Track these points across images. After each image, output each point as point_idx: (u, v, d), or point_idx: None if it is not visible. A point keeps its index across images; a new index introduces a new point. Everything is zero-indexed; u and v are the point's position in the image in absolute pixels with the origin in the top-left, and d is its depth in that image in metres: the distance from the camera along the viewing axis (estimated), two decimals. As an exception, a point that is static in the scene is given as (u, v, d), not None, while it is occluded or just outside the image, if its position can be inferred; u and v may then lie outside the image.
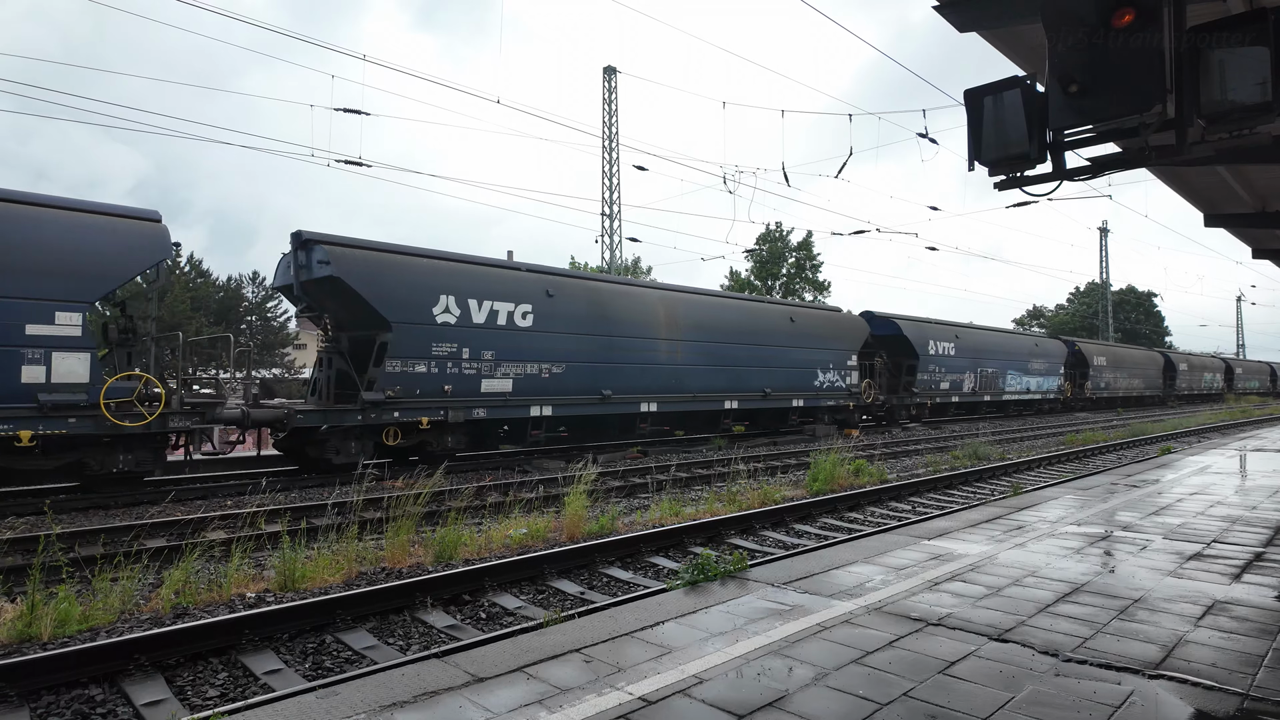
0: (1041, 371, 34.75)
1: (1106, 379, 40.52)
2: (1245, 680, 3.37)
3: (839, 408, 23.39)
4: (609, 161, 30.16)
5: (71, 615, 5.15)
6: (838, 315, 25.15)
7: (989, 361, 30.47)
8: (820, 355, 22.31)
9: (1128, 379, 43.10)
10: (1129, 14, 3.41)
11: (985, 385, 30.08)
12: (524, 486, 11.42)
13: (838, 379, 22.88)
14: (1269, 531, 6.80)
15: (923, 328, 27.55)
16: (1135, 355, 46.50)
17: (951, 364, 28.24)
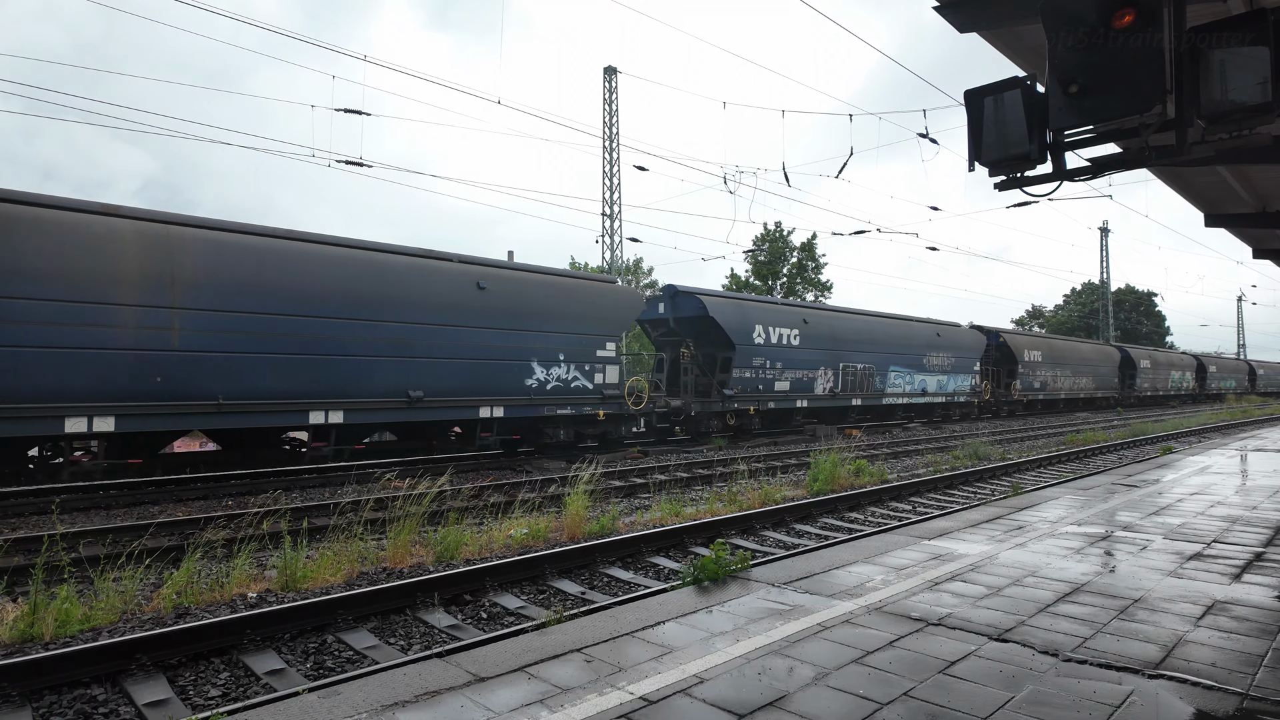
0: (946, 368, 27.70)
1: (1042, 377, 34.47)
2: (1245, 680, 3.37)
3: (579, 418, 15.77)
4: (609, 161, 30.17)
5: (73, 615, 5.17)
6: (596, 285, 17.08)
7: (858, 355, 23.56)
8: (546, 342, 14.88)
9: (1071, 378, 37.08)
10: (1129, 14, 3.41)
11: (853, 385, 23.38)
12: (525, 486, 11.43)
13: (578, 375, 15.49)
14: (1269, 531, 6.81)
15: (745, 308, 20.48)
16: (1083, 350, 40.45)
17: (793, 357, 21.15)
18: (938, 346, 27.49)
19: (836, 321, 23.74)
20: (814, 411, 23.30)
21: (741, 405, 19.81)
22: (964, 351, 29.16)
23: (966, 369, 29.27)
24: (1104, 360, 41.58)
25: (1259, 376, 67.67)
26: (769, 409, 20.93)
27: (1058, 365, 35.83)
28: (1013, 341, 32.84)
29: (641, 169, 24.60)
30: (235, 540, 7.04)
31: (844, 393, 23.30)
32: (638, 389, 17.18)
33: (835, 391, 22.93)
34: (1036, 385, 34.00)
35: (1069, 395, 37.40)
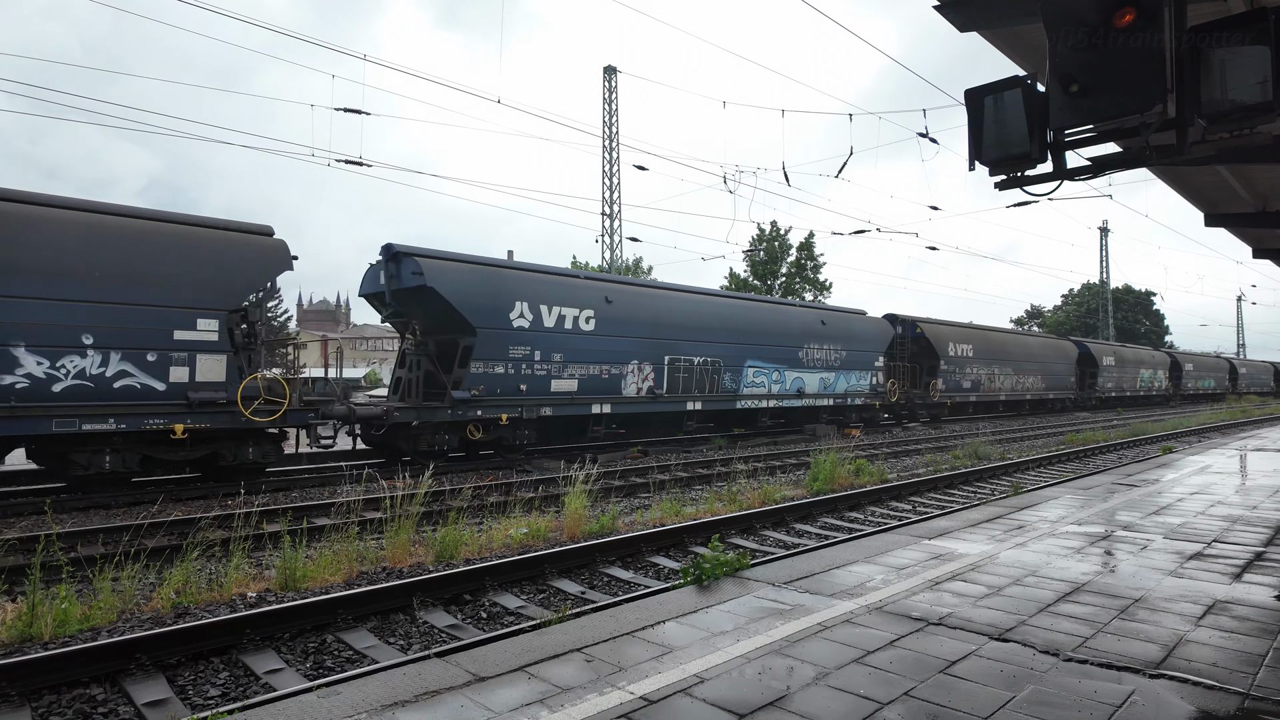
0: (834, 364, 22.23)
1: (973, 375, 29.11)
2: (1246, 680, 3.37)
3: None
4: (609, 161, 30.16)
5: (72, 615, 5.16)
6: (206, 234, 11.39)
7: (696, 345, 17.89)
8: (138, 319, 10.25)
9: (1014, 376, 32.00)
10: (1130, 13, 3.41)
11: (687, 385, 17.78)
12: (524, 486, 11.43)
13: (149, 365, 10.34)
14: (1269, 531, 6.80)
15: (497, 278, 14.51)
16: (1030, 345, 34.96)
17: (578, 347, 15.49)
18: (823, 337, 21.77)
19: (660, 301, 17.78)
20: (623, 419, 17.72)
21: (489, 412, 14.22)
22: (862, 344, 23.46)
23: (866, 364, 23.68)
24: (1058, 356, 36.28)
25: (1240, 375, 62.49)
26: (541, 416, 15.06)
27: (995, 361, 30.67)
28: (933, 333, 27.14)
29: (641, 169, 24.60)
30: (234, 540, 7.03)
31: (672, 394, 17.57)
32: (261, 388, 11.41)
33: (657, 393, 17.21)
34: (966, 385, 28.72)
35: (1012, 396, 32.39)
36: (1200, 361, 56.56)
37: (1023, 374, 32.98)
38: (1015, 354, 32.83)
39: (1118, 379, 41.69)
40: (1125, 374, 42.62)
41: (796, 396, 21.38)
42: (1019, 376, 32.68)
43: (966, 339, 29.26)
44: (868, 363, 23.97)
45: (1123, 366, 42.20)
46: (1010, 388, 32.10)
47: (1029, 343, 35.75)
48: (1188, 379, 52.45)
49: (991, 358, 30.53)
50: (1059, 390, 36.43)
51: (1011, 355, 32.35)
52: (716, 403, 19.04)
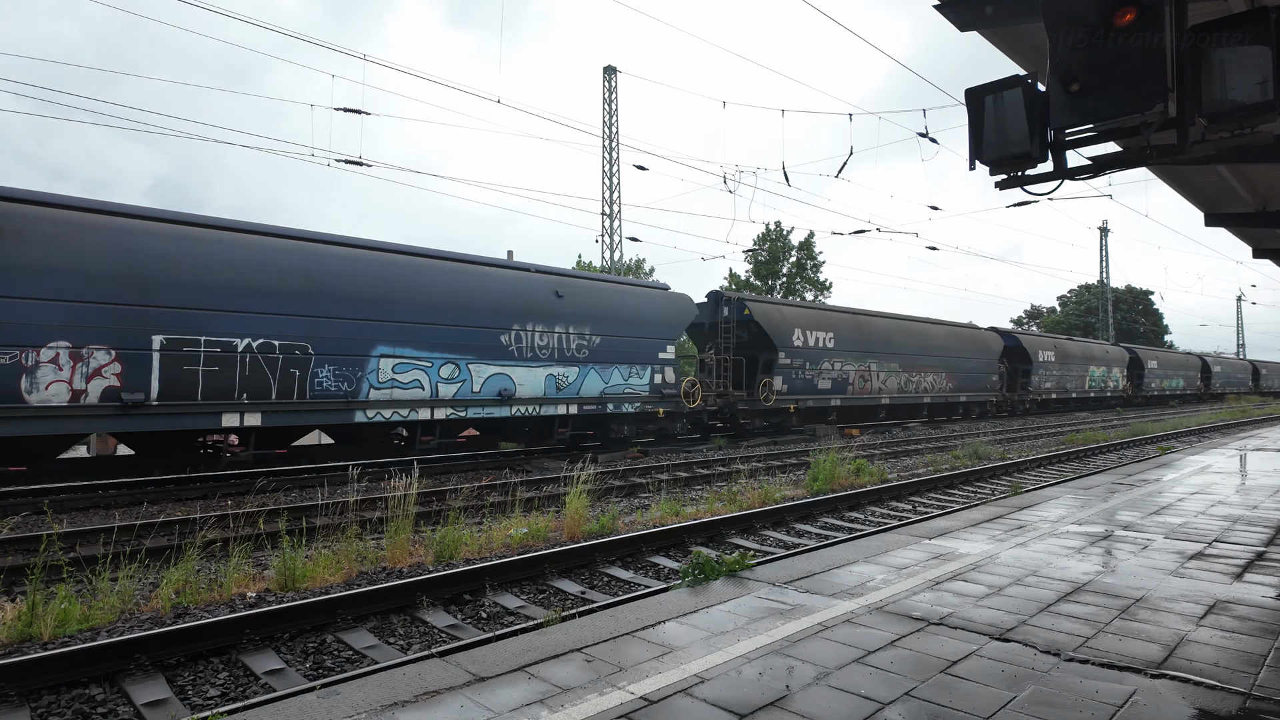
0: (579, 356, 15.70)
1: (833, 373, 22.33)
2: (1247, 679, 3.36)
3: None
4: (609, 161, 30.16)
5: (72, 615, 5.15)
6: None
7: (248, 317, 11.13)
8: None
9: (901, 375, 25.20)
10: (1130, 13, 3.41)
11: (219, 380, 10.73)
12: (524, 486, 11.42)
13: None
14: (1270, 531, 6.80)
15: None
16: (928, 334, 27.13)
17: None
18: (557, 316, 15.22)
19: (145, 240, 10.61)
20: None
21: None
22: (639, 327, 16.90)
23: (648, 358, 17.21)
24: (973, 350, 29.19)
25: (1215, 374, 55.51)
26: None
27: (871, 355, 23.76)
28: (766, 315, 20.68)
29: (641, 169, 24.60)
30: (233, 540, 7.03)
31: (177, 400, 10.64)
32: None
33: (131, 399, 10.09)
34: (823, 384, 22.33)
35: (900, 400, 25.23)
36: (1167, 358, 49.85)
37: (916, 371, 26.00)
38: (904, 346, 25.39)
39: (1059, 378, 35.34)
40: (1070, 372, 36.28)
41: (500, 403, 14.30)
42: (911, 375, 25.78)
43: (822, 324, 22.37)
44: (649, 354, 17.25)
45: (1066, 363, 35.76)
46: (896, 388, 25.08)
47: (929, 332, 27.65)
48: (1151, 378, 45.57)
49: (865, 350, 23.70)
50: (975, 392, 29.27)
51: (897, 347, 25.01)
52: (297, 414, 11.84)
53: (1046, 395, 34.62)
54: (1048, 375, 34.41)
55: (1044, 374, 34.11)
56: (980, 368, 29.93)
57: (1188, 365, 52.20)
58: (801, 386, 21.66)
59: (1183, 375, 51.00)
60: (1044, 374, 34.11)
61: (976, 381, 29.73)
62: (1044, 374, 34.11)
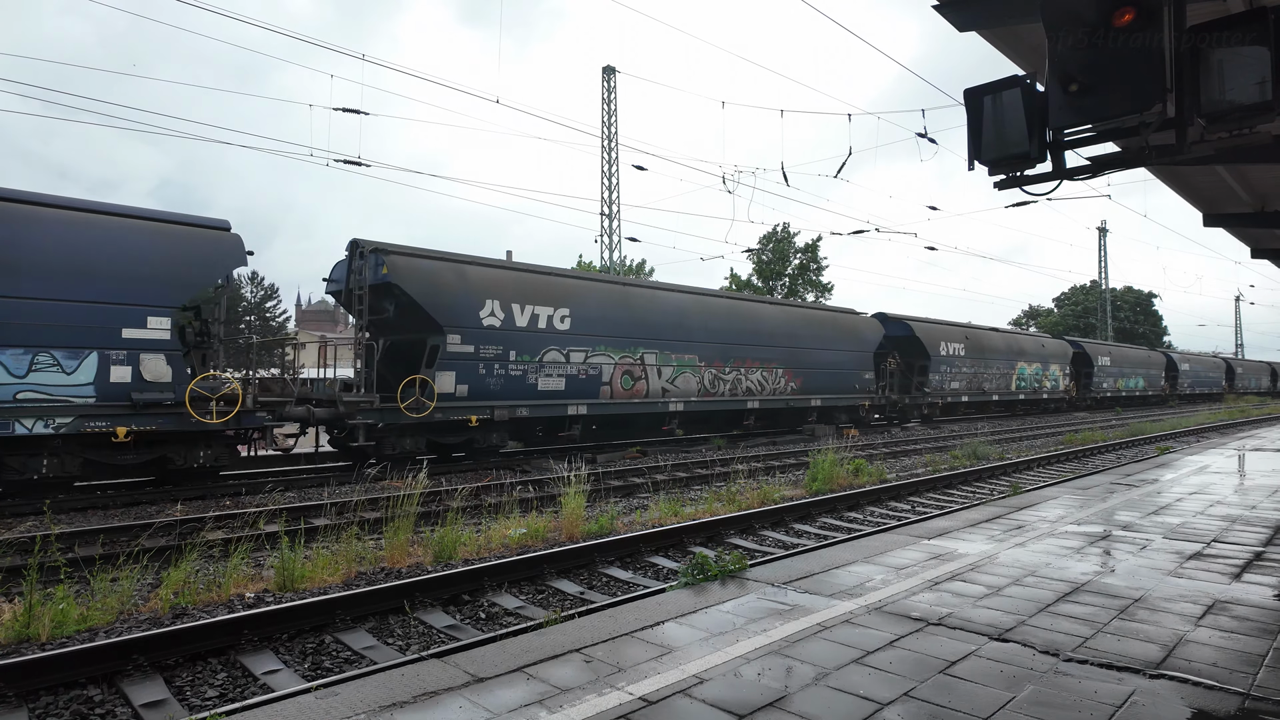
0: None
1: (562, 367, 15.41)
2: (1246, 680, 3.37)
3: None
4: (608, 161, 30.16)
5: (70, 616, 5.14)
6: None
7: None
8: None
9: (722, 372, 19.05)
10: (1129, 13, 3.41)
11: None
12: (522, 486, 11.41)
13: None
14: (1269, 531, 6.81)
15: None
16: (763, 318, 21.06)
17: None
18: None
19: None
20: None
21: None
22: None
23: None
24: (834, 340, 22.54)
25: (1182, 373, 49.95)
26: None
27: (579, 344, 15.81)
28: (408, 271, 13.40)
29: (640, 169, 24.60)
30: (232, 540, 7.02)
31: None
32: None
33: None
34: (479, 382, 14.14)
35: (695, 408, 18.44)
36: (1123, 354, 43.37)
37: (733, 367, 19.33)
38: (712, 332, 18.79)
39: (972, 376, 29.03)
40: (988, 370, 30.19)
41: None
42: (724, 371, 19.05)
43: (546, 295, 15.32)
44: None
45: (982, 359, 29.71)
46: (697, 390, 18.28)
47: (760, 315, 21.03)
48: (1102, 377, 39.31)
49: (631, 335, 16.86)
50: (836, 394, 22.60)
51: (698, 334, 18.41)
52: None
53: (948, 398, 27.68)
54: (954, 373, 27.96)
55: (949, 371, 27.63)
56: (850, 363, 23.31)
57: (1149, 363, 46.17)
58: (497, 388, 14.30)
59: (1141, 374, 44.51)
60: (949, 371, 27.63)
61: (840, 382, 22.95)
62: (949, 371, 27.63)
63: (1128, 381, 42.87)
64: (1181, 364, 50.61)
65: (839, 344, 23.25)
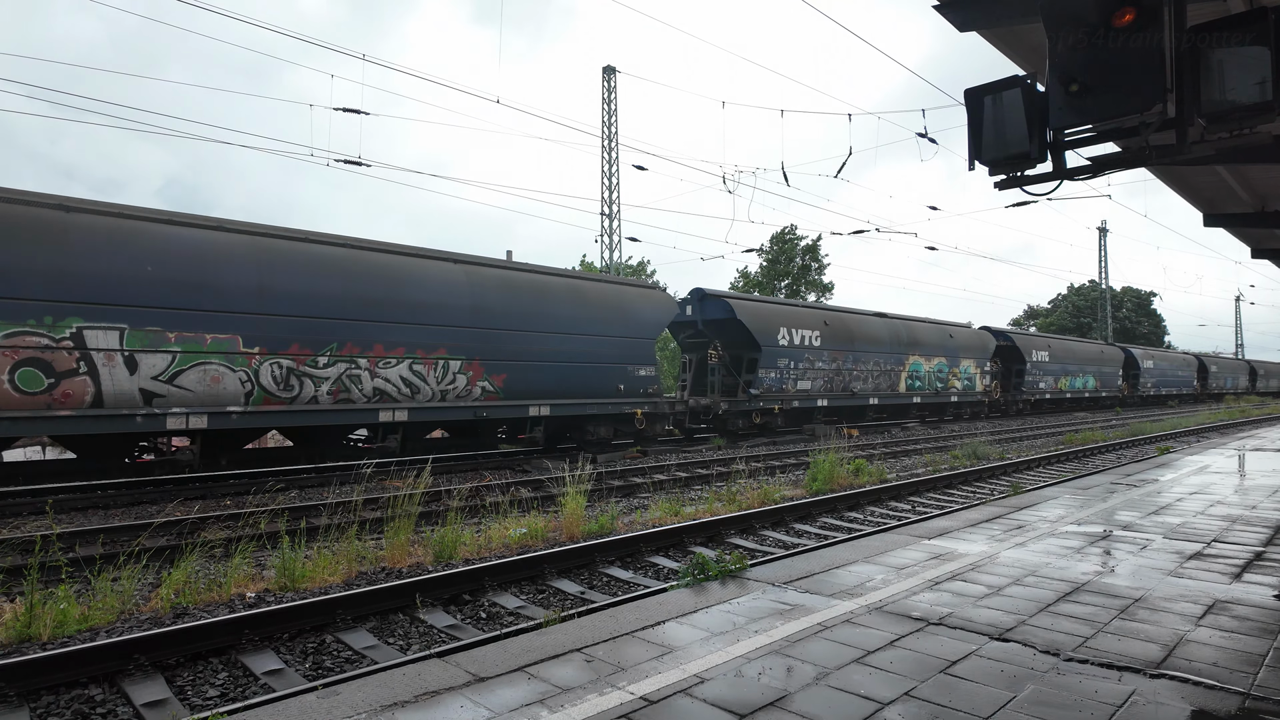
0: None
1: None
2: (1247, 679, 3.37)
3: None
4: (608, 161, 30.16)
5: (71, 615, 5.15)
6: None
7: None
8: None
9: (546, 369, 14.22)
10: (1129, 13, 3.41)
11: None
12: (523, 486, 11.42)
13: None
14: (1269, 531, 6.81)
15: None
16: (420, 278, 13.11)
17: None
18: None
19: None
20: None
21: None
22: None
23: None
24: (573, 310, 15.44)
25: (1144, 372, 43.19)
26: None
27: None
28: None
29: (641, 169, 24.61)
30: (233, 540, 7.02)
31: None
32: None
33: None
34: None
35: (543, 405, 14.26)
36: (1068, 349, 35.95)
37: (355, 355, 12.22)
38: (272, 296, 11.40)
39: (833, 375, 22.07)
40: (860, 367, 23.13)
41: None
42: (319, 363, 11.74)
43: None
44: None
45: (850, 352, 22.68)
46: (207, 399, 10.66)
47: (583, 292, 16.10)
48: (1037, 375, 32.57)
49: None
50: (587, 398, 15.55)
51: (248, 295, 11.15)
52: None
53: (802, 400, 21.13)
54: (803, 369, 21.08)
55: (795, 367, 20.82)
56: (613, 354, 16.16)
57: (1103, 359, 39.09)
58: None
59: (1093, 373, 37.76)
60: (795, 367, 20.82)
61: (592, 380, 15.76)
62: (795, 367, 20.82)
63: (1074, 381, 35.84)
64: (1144, 360, 44.20)
65: (594, 323, 15.67)
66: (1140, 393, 43.96)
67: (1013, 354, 31.98)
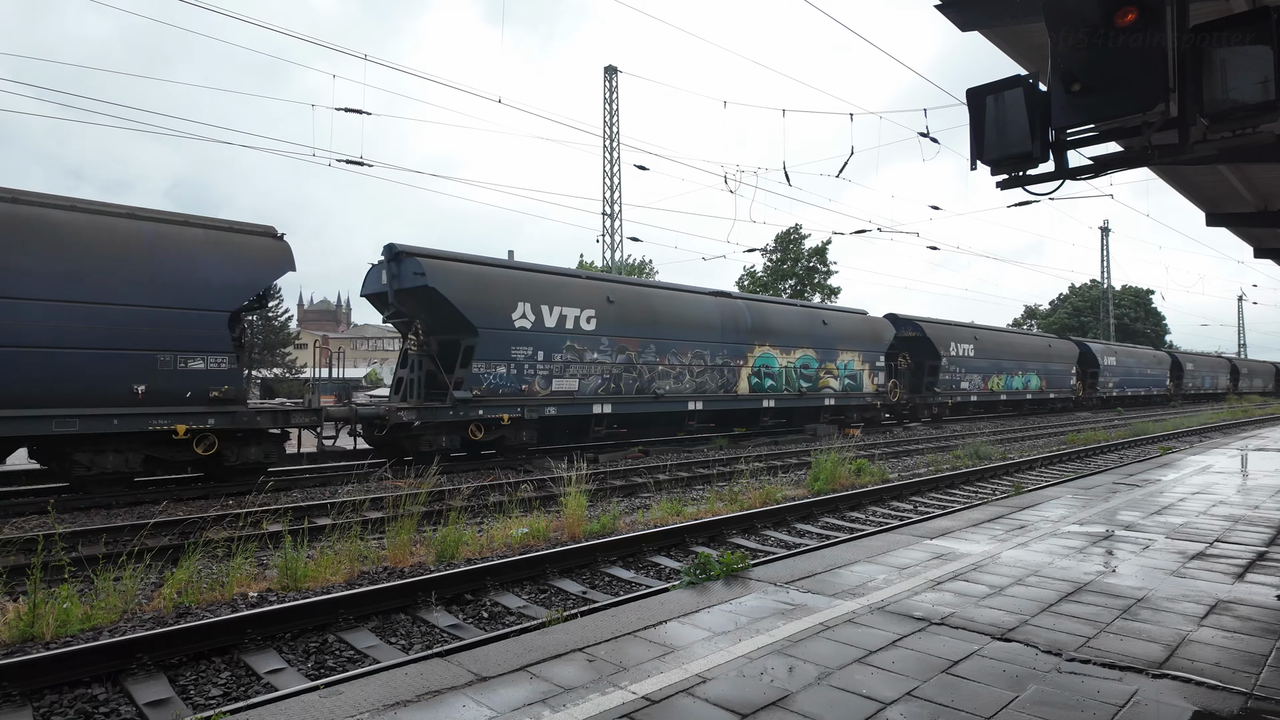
0: None
1: None
2: (1249, 680, 3.36)
3: None
4: (610, 161, 30.18)
5: (74, 615, 5.16)
6: None
7: None
8: None
9: None
10: (1132, 12, 3.40)
11: None
12: (524, 486, 11.42)
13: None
14: (1271, 531, 6.80)
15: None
16: None
17: None
18: None
19: None
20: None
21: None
22: None
23: None
24: None
25: (1103, 370, 38.00)
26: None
27: None
28: None
29: (642, 168, 24.61)
30: (236, 539, 7.03)
31: None
32: None
33: None
34: None
35: None
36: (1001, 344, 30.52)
37: None
38: None
39: (619, 370, 16.34)
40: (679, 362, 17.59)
41: None
42: None
43: None
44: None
45: (658, 340, 17.18)
46: None
47: None
48: (958, 372, 27.24)
49: None
50: None
51: None
52: None
53: (544, 409, 14.92)
54: (560, 363, 15.27)
55: (545, 361, 15.03)
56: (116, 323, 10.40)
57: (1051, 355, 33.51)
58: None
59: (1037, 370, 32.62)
60: (545, 361, 15.03)
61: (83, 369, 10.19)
62: (545, 361, 15.03)
63: (1011, 380, 30.65)
64: (1104, 357, 38.73)
65: None
66: (1100, 394, 38.40)
67: (925, 347, 26.24)
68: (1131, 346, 48.33)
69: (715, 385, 18.79)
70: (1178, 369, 48.50)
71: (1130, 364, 42.30)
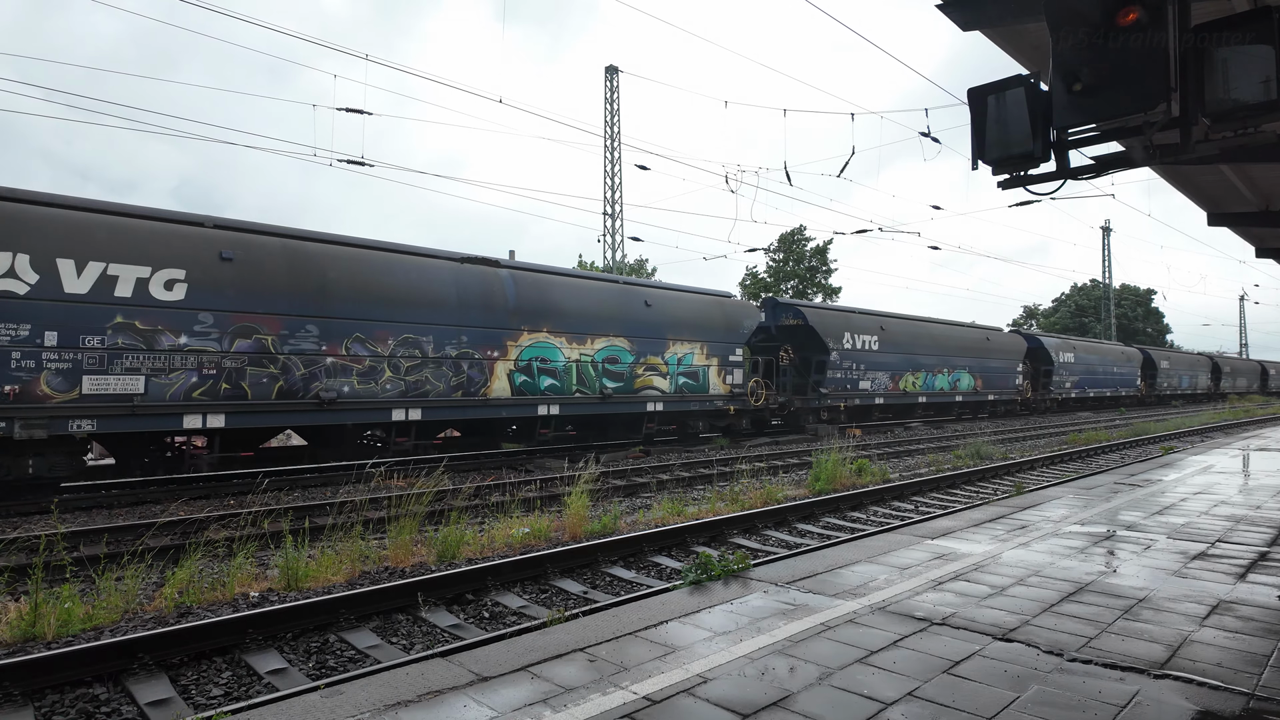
0: None
1: None
2: (1251, 680, 3.36)
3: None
4: (611, 161, 30.18)
5: (75, 615, 5.16)
6: None
7: None
8: None
9: None
10: (1133, 12, 3.40)
11: None
12: (526, 486, 11.42)
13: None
14: (1273, 531, 6.79)
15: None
16: None
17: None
18: None
19: None
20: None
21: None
22: None
23: None
24: None
25: (1058, 368, 33.77)
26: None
27: None
28: None
29: (643, 168, 24.61)
30: (237, 539, 7.04)
31: None
32: None
33: None
34: None
35: None
36: (918, 336, 25.87)
37: None
38: None
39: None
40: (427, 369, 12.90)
41: None
42: None
43: None
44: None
45: (319, 331, 11.70)
46: None
47: None
48: (855, 371, 22.82)
49: None
50: None
51: None
52: None
53: None
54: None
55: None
56: None
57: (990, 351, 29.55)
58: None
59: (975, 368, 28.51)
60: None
61: None
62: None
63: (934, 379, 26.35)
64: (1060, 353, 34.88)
65: None
66: (1054, 395, 34.08)
67: (811, 339, 21.83)
68: (1095, 341, 43.08)
69: (448, 385, 13.45)
70: (1150, 367, 43.52)
71: (1092, 361, 37.14)
